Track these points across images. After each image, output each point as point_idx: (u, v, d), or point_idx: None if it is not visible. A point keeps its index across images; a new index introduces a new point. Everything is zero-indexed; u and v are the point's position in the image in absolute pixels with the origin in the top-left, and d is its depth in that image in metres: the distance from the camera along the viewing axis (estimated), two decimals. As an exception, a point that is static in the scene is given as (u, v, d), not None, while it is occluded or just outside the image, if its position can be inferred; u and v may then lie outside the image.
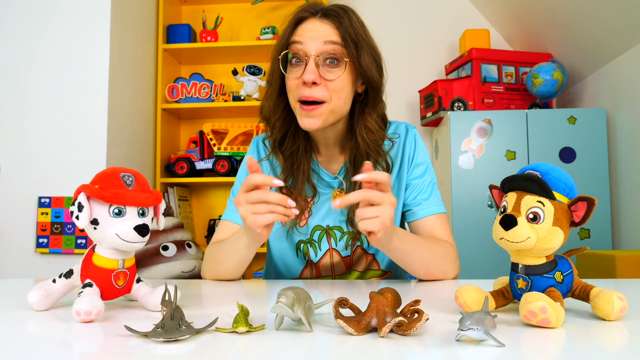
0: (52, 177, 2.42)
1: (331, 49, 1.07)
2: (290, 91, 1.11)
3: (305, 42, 1.08)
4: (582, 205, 0.67)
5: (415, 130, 1.27)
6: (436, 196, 1.22)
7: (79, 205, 0.72)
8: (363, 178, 0.86)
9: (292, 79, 1.09)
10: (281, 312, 0.63)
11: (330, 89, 1.07)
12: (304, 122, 1.09)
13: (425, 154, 1.26)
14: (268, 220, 0.91)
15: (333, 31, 1.09)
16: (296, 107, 1.10)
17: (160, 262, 2.33)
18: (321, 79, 1.07)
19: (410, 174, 1.23)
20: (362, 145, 1.15)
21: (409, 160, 1.23)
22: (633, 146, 2.40)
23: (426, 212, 1.19)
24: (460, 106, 2.81)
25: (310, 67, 1.06)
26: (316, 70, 1.06)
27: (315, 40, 1.07)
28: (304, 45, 1.08)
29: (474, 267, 2.48)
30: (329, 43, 1.07)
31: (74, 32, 2.48)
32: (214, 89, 3.04)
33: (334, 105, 1.09)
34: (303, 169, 1.20)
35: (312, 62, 1.06)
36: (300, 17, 1.12)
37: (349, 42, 1.08)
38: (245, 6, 3.26)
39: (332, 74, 1.07)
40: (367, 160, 1.13)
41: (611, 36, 2.42)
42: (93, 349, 0.61)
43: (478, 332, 0.56)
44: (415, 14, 3.31)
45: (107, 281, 0.75)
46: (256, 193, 0.91)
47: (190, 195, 3.27)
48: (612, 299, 0.66)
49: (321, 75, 1.07)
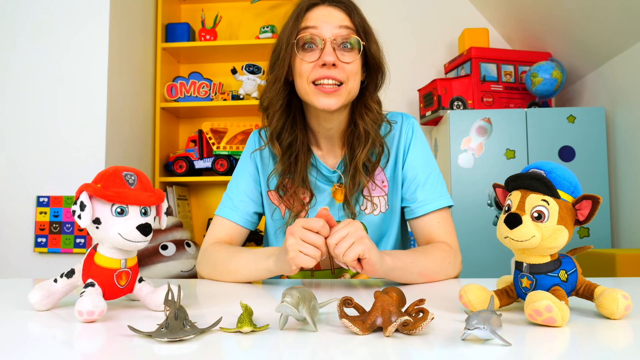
0: (51, 176, 2.42)
1: (346, 33, 1.10)
2: (301, 75, 1.11)
3: (321, 26, 1.09)
4: (586, 204, 0.67)
5: (412, 119, 1.26)
6: (436, 188, 1.19)
7: (81, 205, 0.71)
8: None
9: (307, 62, 1.10)
10: (286, 312, 0.62)
11: (347, 71, 1.10)
12: (322, 103, 1.10)
13: (423, 144, 1.24)
14: (310, 264, 0.89)
15: (345, 17, 1.11)
16: (309, 89, 1.11)
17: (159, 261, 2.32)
18: (339, 61, 1.08)
19: (405, 166, 1.21)
20: (361, 125, 1.16)
21: (404, 151, 1.22)
22: (632, 145, 2.40)
23: (423, 210, 1.17)
24: (460, 105, 2.81)
25: (329, 49, 1.08)
26: (334, 52, 1.08)
27: (330, 24, 1.09)
28: (319, 30, 1.09)
29: (474, 265, 2.47)
30: (344, 28, 1.10)
31: (73, 30, 2.47)
32: (212, 88, 3.03)
33: (350, 87, 1.11)
34: (301, 161, 1.19)
35: (329, 44, 1.08)
36: (311, 3, 1.13)
37: (359, 28, 1.12)
38: (245, 5, 3.26)
39: (349, 57, 1.10)
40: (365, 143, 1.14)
41: (610, 35, 2.42)
42: (96, 349, 0.60)
43: (484, 331, 0.55)
44: (414, 13, 3.30)
45: (109, 281, 0.74)
46: (315, 236, 0.89)
47: (189, 195, 3.26)
48: (617, 297, 0.66)
49: (338, 58, 1.08)
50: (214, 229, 1.24)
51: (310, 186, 1.21)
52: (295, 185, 1.19)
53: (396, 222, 1.25)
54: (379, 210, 1.22)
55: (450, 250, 1.13)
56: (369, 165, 1.19)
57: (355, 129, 1.18)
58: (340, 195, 1.22)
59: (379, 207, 1.22)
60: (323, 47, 1.08)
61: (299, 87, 1.13)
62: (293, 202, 1.20)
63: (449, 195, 1.21)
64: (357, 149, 1.16)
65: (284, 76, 1.14)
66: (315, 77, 1.09)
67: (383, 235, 1.25)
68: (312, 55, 1.10)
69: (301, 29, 1.11)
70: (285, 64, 1.13)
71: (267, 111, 1.20)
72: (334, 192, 1.22)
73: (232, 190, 1.27)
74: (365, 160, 1.17)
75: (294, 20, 1.12)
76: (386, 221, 1.23)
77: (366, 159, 1.17)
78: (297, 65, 1.11)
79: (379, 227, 1.23)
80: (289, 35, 1.12)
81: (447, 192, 1.21)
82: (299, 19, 1.12)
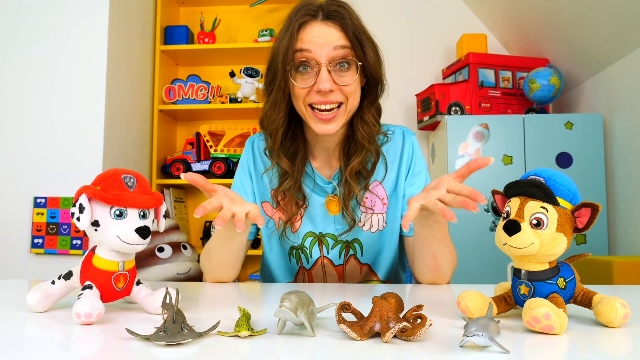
0: (48, 177, 2.41)
1: (342, 54, 1.06)
2: (298, 98, 1.09)
3: (314, 49, 1.05)
4: (585, 212, 0.67)
5: (413, 136, 1.25)
6: None
7: (80, 207, 0.71)
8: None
9: (301, 88, 1.07)
10: (284, 317, 0.62)
11: (345, 92, 1.07)
12: (320, 129, 1.08)
13: (423, 163, 1.24)
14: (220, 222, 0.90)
15: (340, 34, 1.06)
16: (306, 112, 1.09)
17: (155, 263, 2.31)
18: (335, 85, 1.05)
19: (408, 184, 1.21)
20: (358, 136, 1.15)
21: (407, 168, 1.21)
22: (629, 151, 2.40)
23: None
24: (457, 110, 2.81)
25: (324, 76, 1.04)
26: (329, 76, 1.04)
27: (324, 46, 1.05)
28: (313, 53, 1.05)
29: (470, 272, 2.47)
30: (339, 48, 1.05)
31: (72, 32, 2.47)
32: (210, 91, 3.03)
33: (350, 106, 1.09)
34: (298, 170, 1.18)
35: (325, 69, 1.04)
36: (302, 21, 1.08)
37: (355, 43, 1.07)
38: (243, 8, 3.26)
39: (346, 78, 1.06)
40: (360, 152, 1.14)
41: (608, 42, 2.43)
42: (93, 351, 0.60)
43: (483, 338, 0.55)
44: (413, 18, 3.31)
45: (107, 283, 0.74)
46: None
47: (186, 197, 3.26)
48: (615, 305, 0.66)
49: (335, 82, 1.05)
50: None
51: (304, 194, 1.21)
52: (292, 192, 1.18)
53: (395, 239, 1.24)
54: (376, 227, 1.21)
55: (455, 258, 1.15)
56: (364, 173, 1.18)
57: (352, 141, 1.16)
58: (335, 206, 1.21)
59: (377, 224, 1.21)
60: (318, 72, 1.04)
61: (296, 107, 1.12)
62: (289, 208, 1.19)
63: None
64: (352, 157, 1.15)
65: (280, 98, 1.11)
66: (312, 102, 1.07)
67: (379, 253, 1.23)
68: (307, 79, 1.06)
69: (296, 50, 1.06)
70: (281, 87, 1.09)
71: (268, 130, 1.18)
72: (327, 203, 1.21)
73: None
74: (360, 168, 1.16)
75: (287, 40, 1.07)
76: (383, 238, 1.22)
77: (360, 167, 1.16)
78: (293, 88, 1.09)
79: (376, 244, 1.22)
80: (284, 57, 1.07)
81: None
82: (292, 39, 1.06)
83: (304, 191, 1.21)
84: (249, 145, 1.29)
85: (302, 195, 1.20)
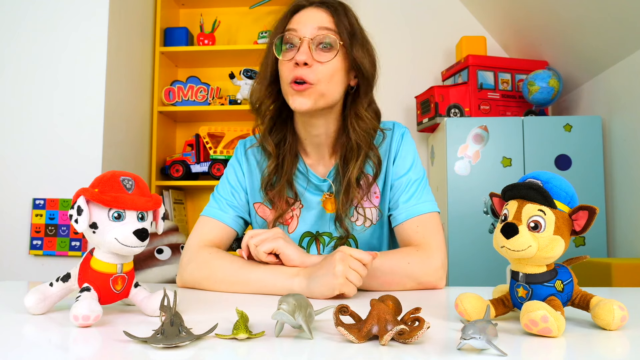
0: (47, 178, 2.41)
1: (324, 34, 1.09)
2: (283, 77, 1.12)
3: (300, 28, 1.10)
4: (583, 215, 0.67)
5: (404, 129, 1.24)
6: (420, 195, 1.16)
7: (78, 209, 0.71)
8: None
9: (285, 61, 1.11)
10: (282, 319, 0.62)
11: (321, 72, 1.09)
12: (294, 102, 1.10)
13: (411, 151, 1.21)
14: (352, 292, 0.94)
15: (328, 18, 1.11)
16: (288, 89, 1.11)
17: (154, 265, 2.31)
18: (313, 60, 1.08)
19: (393, 173, 1.19)
20: (352, 136, 1.15)
21: (394, 159, 1.20)
22: (628, 154, 2.41)
23: (404, 217, 1.15)
24: (457, 112, 2.81)
25: (303, 49, 1.08)
26: (309, 52, 1.08)
27: (310, 25, 1.10)
28: (298, 32, 1.10)
29: (469, 274, 2.47)
30: (323, 29, 1.10)
31: (71, 33, 2.47)
32: (210, 92, 3.03)
33: (325, 89, 1.10)
34: (287, 162, 1.19)
35: (306, 44, 1.08)
36: (297, 6, 1.14)
37: (342, 30, 1.11)
38: (243, 10, 3.26)
39: (324, 57, 1.09)
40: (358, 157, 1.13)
41: (607, 44, 2.43)
42: (91, 354, 0.60)
43: (480, 341, 0.55)
44: (412, 20, 3.31)
45: (105, 285, 0.74)
46: (361, 267, 0.94)
47: (186, 199, 3.26)
48: (613, 308, 0.66)
49: (313, 57, 1.08)
50: (202, 230, 1.19)
51: (296, 192, 1.21)
52: (281, 184, 1.18)
53: (386, 232, 1.24)
54: (370, 222, 1.20)
55: (414, 252, 1.09)
56: (363, 179, 1.17)
57: (348, 140, 1.16)
58: (331, 205, 1.21)
59: (371, 219, 1.20)
60: (299, 47, 1.09)
61: (282, 88, 1.14)
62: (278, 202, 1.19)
63: (433, 202, 1.17)
64: (350, 162, 1.15)
65: (269, 74, 1.16)
66: (292, 78, 1.09)
67: (374, 247, 1.23)
68: (289, 54, 1.11)
69: (285, 30, 1.12)
70: (268, 62, 1.15)
71: (257, 110, 1.20)
72: (323, 201, 1.21)
73: (221, 193, 1.25)
74: (359, 174, 1.16)
75: (280, 22, 1.15)
76: (377, 232, 1.22)
77: (360, 172, 1.16)
78: (279, 65, 1.13)
79: (370, 238, 1.22)
80: (273, 37, 1.14)
81: (431, 199, 1.18)
82: (284, 22, 1.14)
83: (297, 189, 1.21)
84: (241, 147, 1.30)
85: (294, 193, 1.20)
